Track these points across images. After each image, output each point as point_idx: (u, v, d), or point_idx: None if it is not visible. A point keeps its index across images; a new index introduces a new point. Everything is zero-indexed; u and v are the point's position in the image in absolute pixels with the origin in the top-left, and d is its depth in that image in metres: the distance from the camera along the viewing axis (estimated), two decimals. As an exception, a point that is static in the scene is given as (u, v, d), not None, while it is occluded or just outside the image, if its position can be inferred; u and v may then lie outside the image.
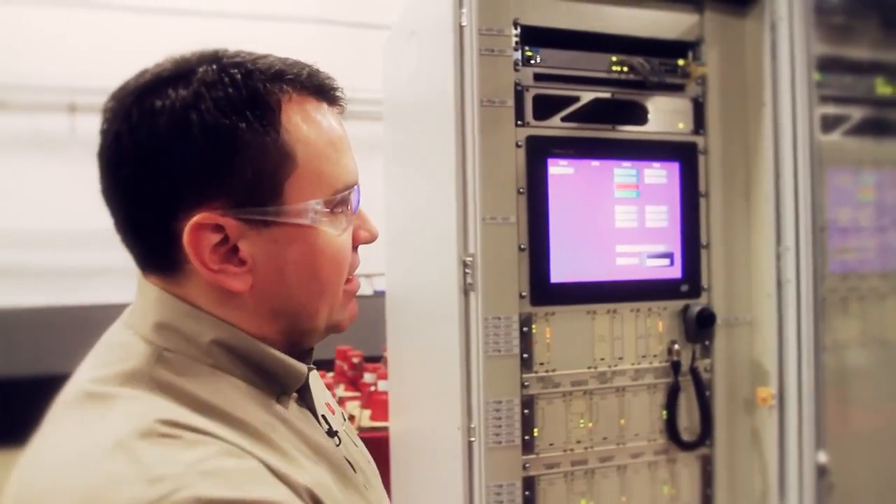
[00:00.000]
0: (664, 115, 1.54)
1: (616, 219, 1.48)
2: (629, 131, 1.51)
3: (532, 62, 1.43)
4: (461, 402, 1.34)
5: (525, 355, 1.39)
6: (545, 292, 1.41)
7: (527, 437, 1.39)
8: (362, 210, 0.72)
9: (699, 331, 1.51)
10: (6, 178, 3.96)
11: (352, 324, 0.74)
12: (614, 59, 1.49)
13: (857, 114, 1.61)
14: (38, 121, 4.12)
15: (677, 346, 1.51)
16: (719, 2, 1.56)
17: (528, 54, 1.42)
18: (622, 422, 1.47)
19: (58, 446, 0.57)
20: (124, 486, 0.51)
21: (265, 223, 0.63)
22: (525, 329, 1.39)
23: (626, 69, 1.49)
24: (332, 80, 0.69)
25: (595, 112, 1.47)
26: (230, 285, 0.63)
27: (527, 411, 1.39)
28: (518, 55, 1.41)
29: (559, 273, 1.42)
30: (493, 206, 1.36)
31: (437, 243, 1.43)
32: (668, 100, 1.54)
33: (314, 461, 0.66)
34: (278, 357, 0.66)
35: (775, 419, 1.51)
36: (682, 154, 1.54)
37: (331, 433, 0.73)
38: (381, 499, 0.80)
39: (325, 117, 0.67)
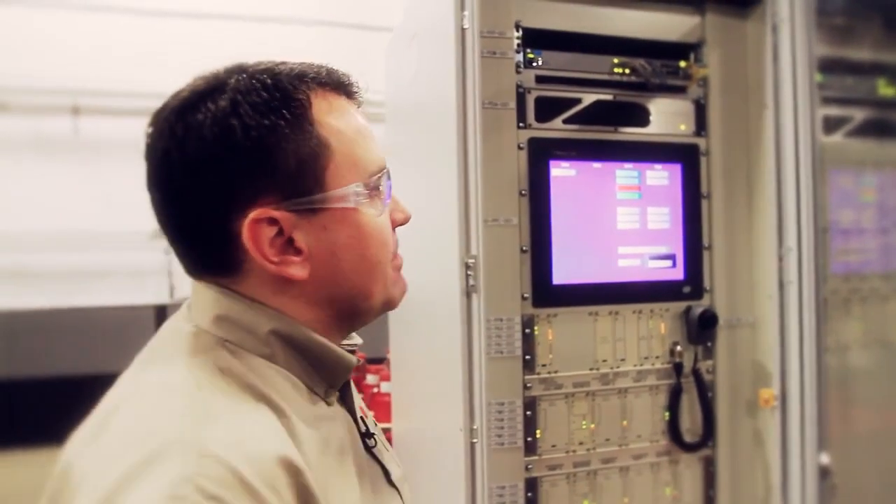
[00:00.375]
0: (666, 117, 1.54)
1: (618, 220, 1.48)
2: (631, 133, 1.51)
3: (534, 64, 1.43)
4: (463, 404, 1.34)
5: (527, 357, 1.39)
6: (547, 294, 1.41)
7: (529, 439, 1.39)
8: (394, 194, 0.76)
9: (701, 332, 1.51)
10: (8, 180, 3.96)
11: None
12: (616, 60, 1.49)
13: (858, 115, 1.61)
14: (40, 123, 4.12)
15: (679, 348, 1.51)
16: (721, 3, 1.56)
17: (530, 56, 1.43)
18: (624, 423, 1.47)
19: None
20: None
21: (313, 211, 0.67)
22: (527, 330, 1.39)
23: (627, 71, 1.49)
24: (349, 76, 0.73)
25: (597, 114, 1.48)
26: (292, 274, 0.67)
27: (529, 413, 1.39)
28: (520, 57, 1.41)
29: (561, 274, 1.42)
30: (495, 207, 1.36)
31: (439, 245, 1.43)
32: (669, 101, 1.54)
33: (339, 461, 0.69)
34: (330, 347, 0.71)
35: (777, 420, 1.51)
36: (684, 155, 1.54)
37: (368, 434, 0.77)
38: None
39: (348, 109, 0.72)
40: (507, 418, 1.36)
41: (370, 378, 2.95)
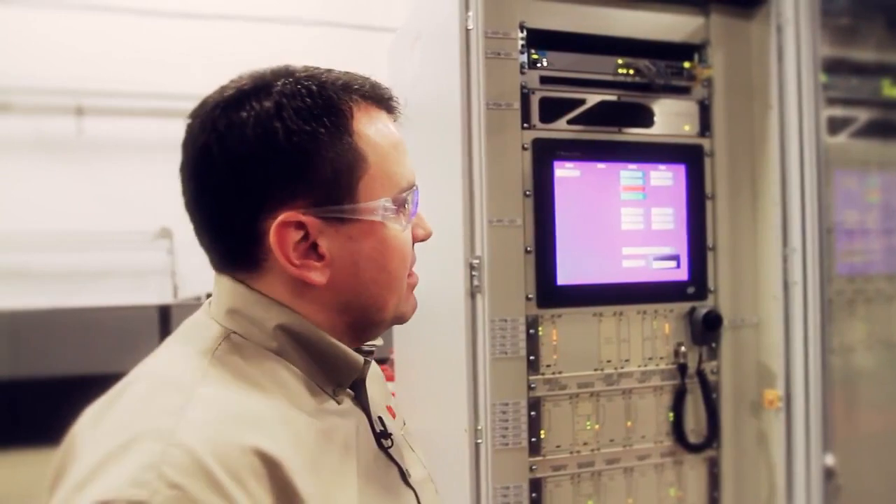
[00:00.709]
0: (670, 118, 1.54)
1: (622, 221, 1.48)
2: (635, 134, 1.51)
3: (538, 65, 1.43)
4: (468, 404, 1.34)
5: (532, 357, 1.39)
6: (551, 294, 1.41)
7: (533, 439, 1.39)
8: (419, 210, 0.77)
9: (706, 333, 1.51)
10: (11, 180, 3.97)
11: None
12: (620, 61, 1.49)
13: (863, 115, 1.61)
14: (43, 123, 4.13)
15: (684, 349, 1.51)
16: (725, 4, 1.56)
17: (535, 57, 1.43)
18: (629, 424, 1.47)
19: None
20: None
21: (341, 220, 0.69)
22: (531, 331, 1.39)
23: (632, 72, 1.49)
24: (390, 91, 0.75)
25: (601, 114, 1.48)
26: (311, 279, 0.68)
27: (533, 413, 1.39)
28: (524, 58, 1.41)
29: (565, 275, 1.42)
30: (499, 208, 1.36)
31: (444, 246, 1.43)
32: (674, 102, 1.54)
33: (340, 456, 0.69)
34: (337, 345, 0.71)
35: (782, 421, 1.51)
36: (689, 156, 1.54)
37: (384, 434, 0.76)
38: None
39: (387, 124, 0.73)
40: (512, 419, 1.36)
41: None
